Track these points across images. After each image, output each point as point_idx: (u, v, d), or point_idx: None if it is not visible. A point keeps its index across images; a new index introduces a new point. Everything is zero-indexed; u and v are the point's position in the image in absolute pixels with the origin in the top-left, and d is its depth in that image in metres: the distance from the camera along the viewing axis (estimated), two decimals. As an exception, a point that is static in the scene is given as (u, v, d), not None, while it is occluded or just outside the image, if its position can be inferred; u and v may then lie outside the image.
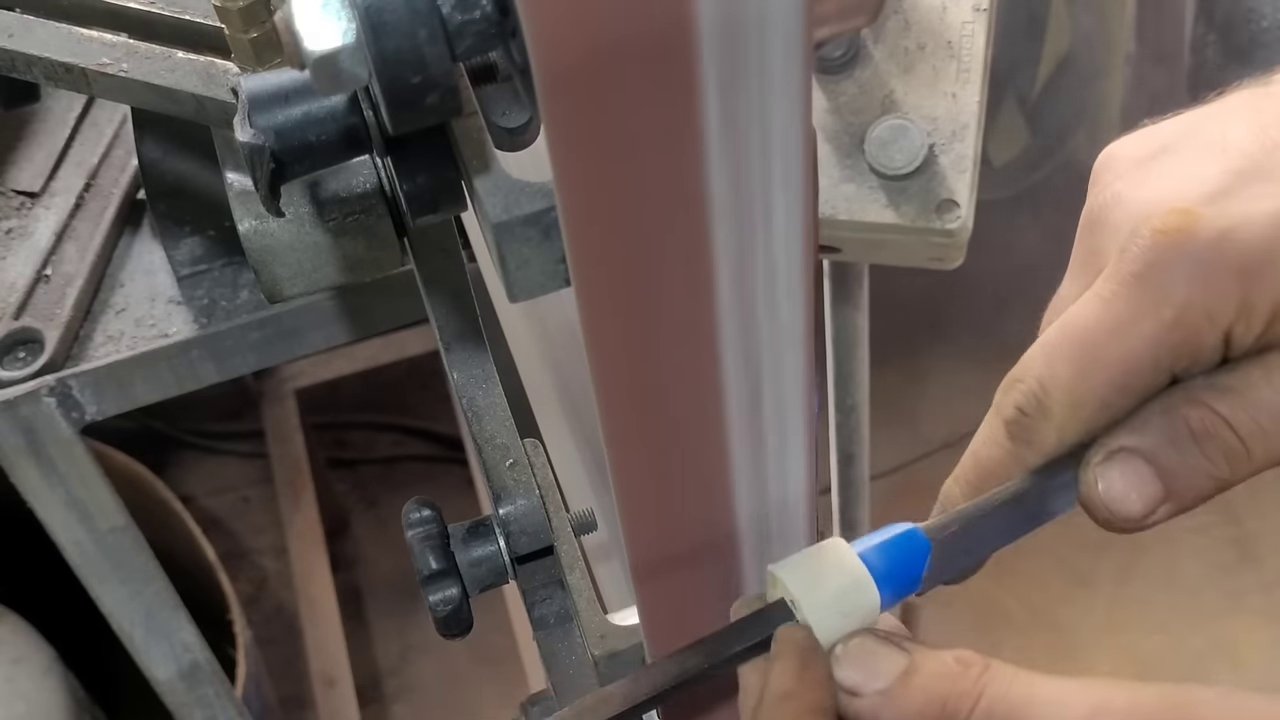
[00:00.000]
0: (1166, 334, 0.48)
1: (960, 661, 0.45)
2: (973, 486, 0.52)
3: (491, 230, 0.41)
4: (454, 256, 0.63)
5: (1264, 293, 0.47)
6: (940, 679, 0.45)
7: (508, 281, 0.42)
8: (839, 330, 1.08)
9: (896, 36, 0.88)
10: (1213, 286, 0.48)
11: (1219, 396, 0.48)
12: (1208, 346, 0.48)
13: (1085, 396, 0.49)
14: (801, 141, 0.39)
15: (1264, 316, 0.48)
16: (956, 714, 0.44)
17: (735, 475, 0.48)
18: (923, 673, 0.45)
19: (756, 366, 0.45)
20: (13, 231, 1.15)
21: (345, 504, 2.38)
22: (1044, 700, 0.43)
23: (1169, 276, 0.48)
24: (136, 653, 1.30)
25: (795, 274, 0.42)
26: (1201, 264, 0.48)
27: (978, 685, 0.44)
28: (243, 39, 0.66)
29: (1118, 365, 0.49)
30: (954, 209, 0.85)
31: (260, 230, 0.59)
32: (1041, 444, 0.50)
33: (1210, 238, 0.48)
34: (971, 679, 0.44)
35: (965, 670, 0.45)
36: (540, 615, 0.64)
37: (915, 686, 0.45)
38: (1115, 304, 0.49)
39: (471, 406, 0.63)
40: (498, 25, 0.38)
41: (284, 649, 2.15)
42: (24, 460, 1.10)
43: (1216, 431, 0.48)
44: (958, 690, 0.44)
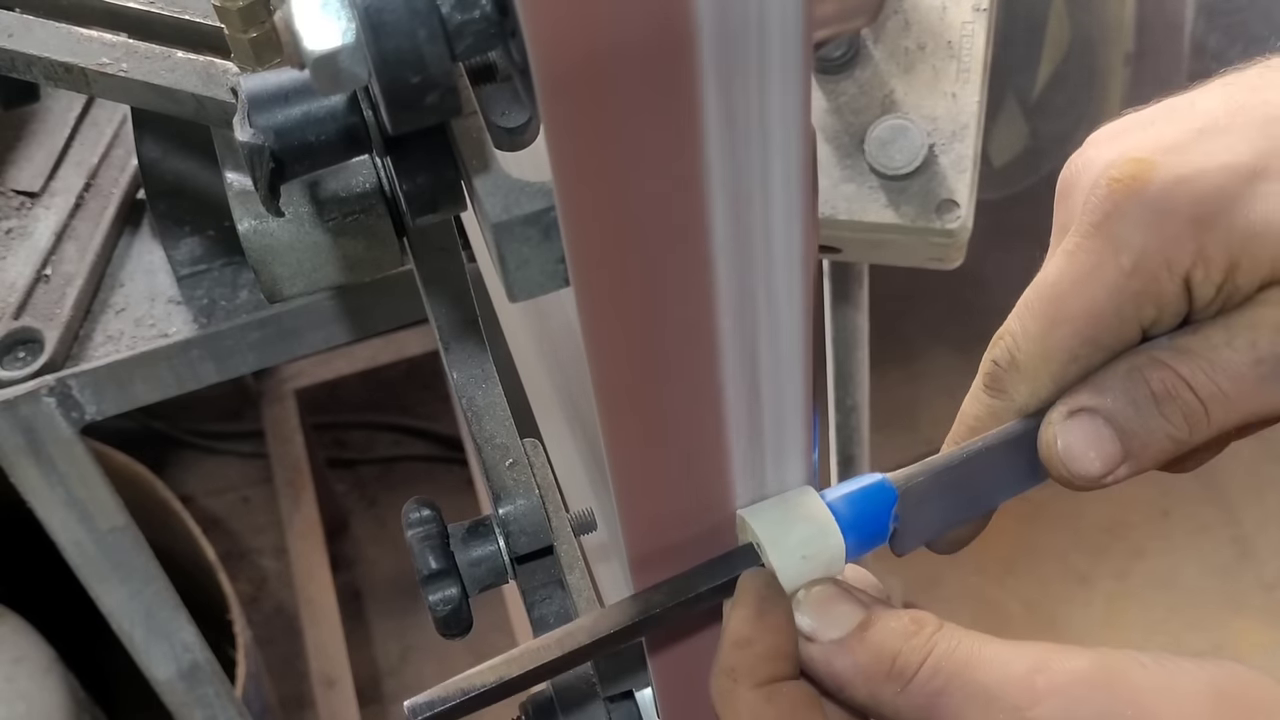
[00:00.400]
0: (1126, 281, 0.49)
1: (915, 621, 0.46)
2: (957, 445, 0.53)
3: (491, 230, 0.41)
4: (454, 256, 0.63)
5: (1219, 239, 0.48)
6: (893, 635, 0.46)
7: (507, 281, 0.42)
8: (839, 330, 1.08)
9: (896, 36, 0.88)
10: (1167, 232, 0.48)
11: (1180, 358, 0.49)
12: (1169, 294, 0.49)
13: (1053, 349, 0.50)
14: (801, 141, 0.39)
15: (1221, 265, 0.48)
16: (906, 669, 0.45)
17: (734, 475, 0.48)
18: (877, 627, 0.46)
19: (756, 366, 0.45)
20: (13, 231, 1.15)
21: (345, 504, 2.38)
22: (988, 658, 0.44)
23: (1125, 224, 0.49)
24: (136, 653, 1.30)
25: (795, 274, 0.42)
26: (1156, 210, 0.48)
27: (929, 643, 0.45)
28: (242, 39, 0.66)
29: (1082, 317, 0.50)
30: (954, 209, 0.85)
31: (260, 230, 0.59)
32: (1014, 396, 0.51)
33: (1164, 184, 0.49)
34: (924, 638, 0.46)
35: (919, 629, 0.46)
36: (540, 615, 0.64)
37: (868, 640, 0.46)
38: (1078, 256, 0.50)
39: (471, 406, 0.63)
40: (497, 25, 0.38)
41: (284, 649, 2.15)
42: (24, 460, 1.10)
43: (1177, 393, 0.49)
44: (909, 647, 0.45)
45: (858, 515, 0.50)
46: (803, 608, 0.48)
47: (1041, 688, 0.43)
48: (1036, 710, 0.43)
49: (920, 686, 0.45)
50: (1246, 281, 0.49)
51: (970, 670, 0.44)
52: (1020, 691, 0.43)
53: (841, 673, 0.46)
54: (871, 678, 0.46)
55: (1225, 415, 0.49)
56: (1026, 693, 0.43)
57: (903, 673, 0.45)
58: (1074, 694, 0.43)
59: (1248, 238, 0.48)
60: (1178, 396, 0.49)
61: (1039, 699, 0.43)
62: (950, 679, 0.44)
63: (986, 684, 0.44)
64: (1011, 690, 0.43)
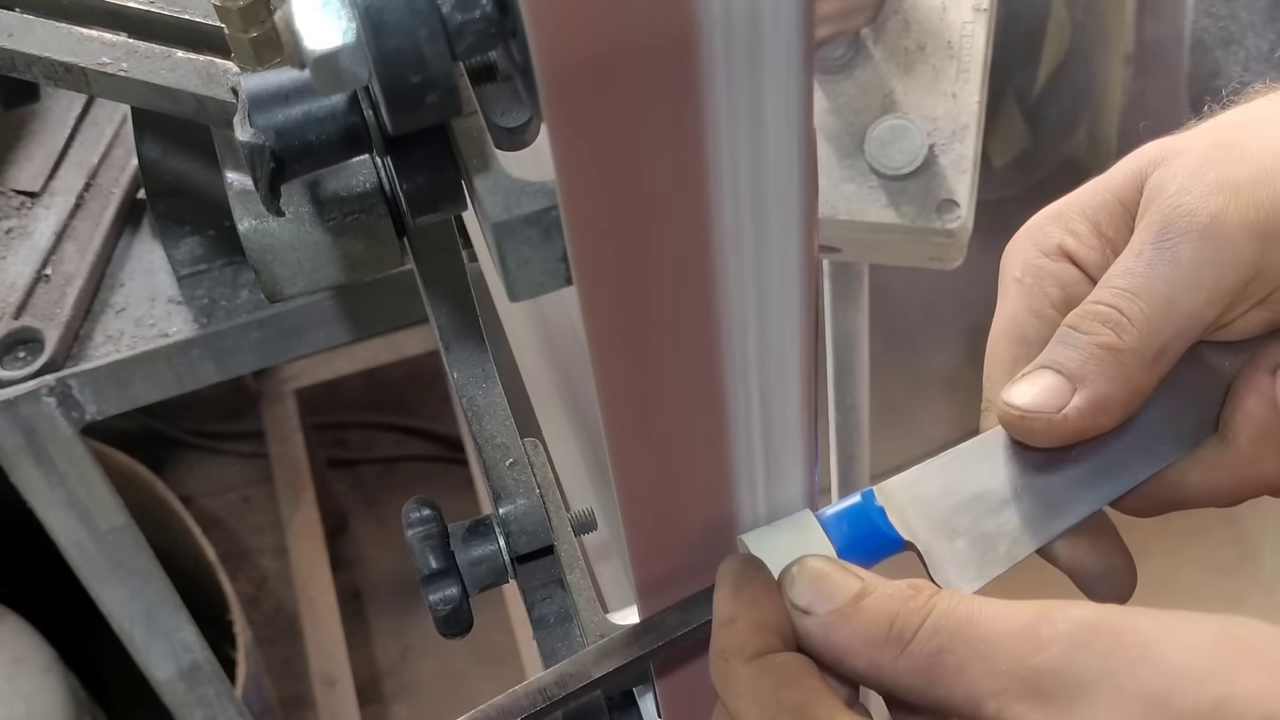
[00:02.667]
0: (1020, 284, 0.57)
1: (912, 586, 0.46)
2: None
3: (491, 230, 0.41)
4: (454, 256, 0.63)
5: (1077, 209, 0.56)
6: (890, 599, 0.46)
7: (508, 281, 0.42)
8: (839, 330, 1.08)
9: (896, 36, 0.88)
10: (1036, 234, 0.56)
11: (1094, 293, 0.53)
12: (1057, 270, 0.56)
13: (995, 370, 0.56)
14: (801, 141, 0.39)
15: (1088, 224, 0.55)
16: (905, 630, 0.45)
17: (735, 474, 0.48)
18: (874, 595, 0.46)
19: (757, 366, 0.45)
20: (13, 231, 1.15)
21: (345, 504, 2.38)
22: (989, 613, 0.44)
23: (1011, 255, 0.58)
24: (136, 653, 1.30)
25: (795, 274, 0.42)
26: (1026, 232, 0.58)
27: (927, 605, 0.45)
28: (243, 38, 0.66)
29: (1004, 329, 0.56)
30: (954, 209, 0.85)
31: (260, 230, 0.59)
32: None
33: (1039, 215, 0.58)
34: (921, 600, 0.45)
35: (916, 593, 0.46)
36: (540, 615, 0.64)
37: (864, 607, 0.46)
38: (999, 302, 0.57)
39: (471, 406, 0.63)
40: (498, 25, 0.38)
41: (284, 649, 2.15)
42: (24, 460, 1.10)
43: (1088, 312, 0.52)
44: (907, 609, 0.45)
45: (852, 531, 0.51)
46: (796, 583, 0.47)
47: (1045, 635, 0.42)
48: (1040, 657, 0.42)
49: (920, 647, 0.44)
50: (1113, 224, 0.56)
51: (971, 626, 0.44)
52: (1023, 641, 0.43)
53: (840, 643, 0.46)
54: (871, 643, 0.45)
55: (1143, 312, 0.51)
56: (1029, 641, 0.43)
57: (901, 635, 0.45)
58: (1078, 639, 0.42)
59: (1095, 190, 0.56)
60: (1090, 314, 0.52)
61: (1042, 646, 0.42)
62: (951, 636, 0.44)
63: (988, 636, 0.43)
64: (1014, 641, 0.43)
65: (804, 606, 0.47)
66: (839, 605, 0.46)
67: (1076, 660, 0.42)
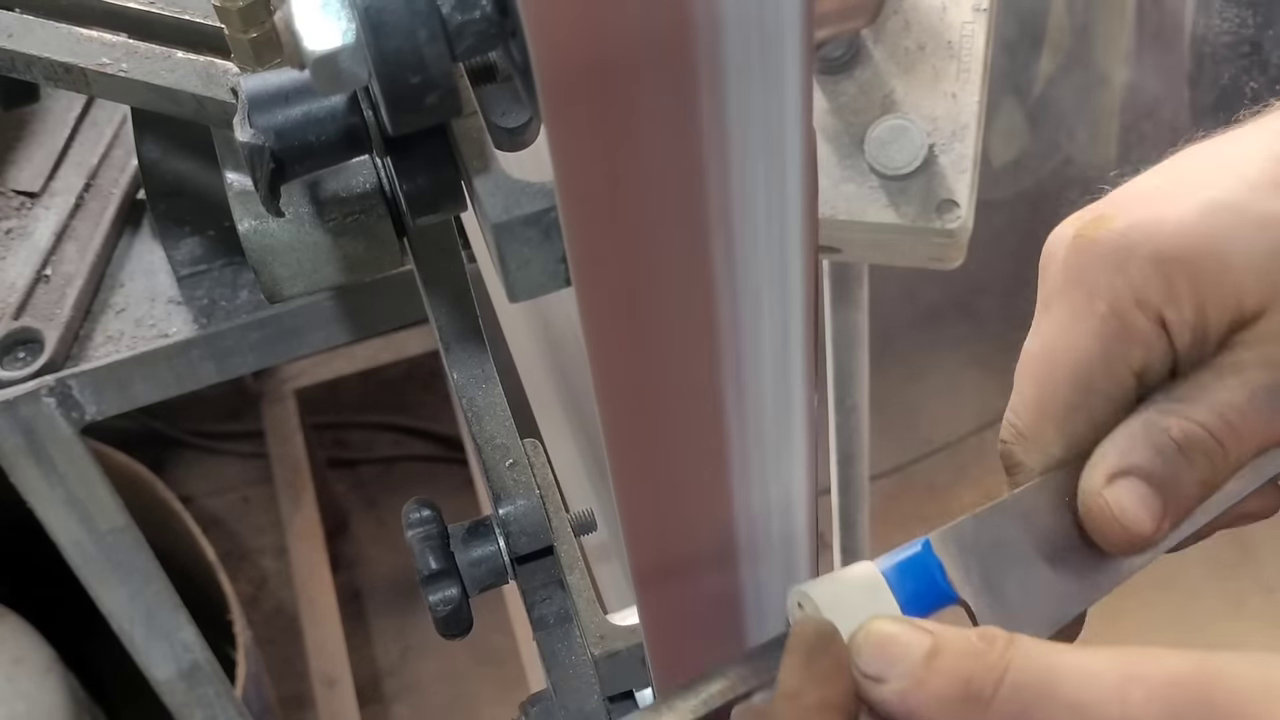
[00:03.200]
0: (1104, 325, 0.50)
1: (984, 638, 0.44)
2: None
3: (491, 230, 0.41)
4: (454, 256, 0.63)
5: (1183, 276, 0.50)
6: (964, 657, 0.44)
7: (508, 282, 0.42)
8: (839, 330, 1.08)
9: (896, 36, 0.88)
10: (1133, 272, 0.50)
11: (1185, 405, 0.50)
12: (1149, 335, 0.50)
13: (1049, 406, 0.51)
14: (801, 141, 0.39)
15: (1190, 302, 0.50)
16: (983, 690, 0.43)
17: (735, 474, 0.48)
18: (947, 653, 0.44)
19: (756, 366, 0.45)
20: (13, 231, 1.15)
21: (345, 504, 2.38)
22: (1072, 672, 0.43)
23: (1092, 271, 0.51)
24: (136, 653, 1.30)
25: (795, 274, 0.42)
26: (1119, 252, 0.50)
27: (1003, 659, 0.43)
28: (242, 39, 0.66)
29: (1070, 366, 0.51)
30: (954, 209, 0.85)
31: (260, 230, 0.58)
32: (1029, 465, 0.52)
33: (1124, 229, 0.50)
34: (996, 653, 0.44)
35: (990, 646, 0.44)
36: (540, 615, 0.64)
37: (937, 668, 0.44)
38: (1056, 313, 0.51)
39: (471, 406, 0.63)
40: (498, 25, 0.38)
41: (284, 649, 2.15)
42: (24, 460, 1.10)
43: (1194, 436, 0.50)
44: (983, 666, 0.44)
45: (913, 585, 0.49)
46: (862, 650, 0.46)
47: (1137, 699, 0.41)
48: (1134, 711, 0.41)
49: (1002, 706, 0.43)
50: (1217, 319, 0.50)
51: (1053, 685, 0.42)
52: (1114, 703, 0.41)
53: (916, 709, 0.44)
54: (948, 705, 0.44)
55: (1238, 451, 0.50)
56: (1119, 704, 0.41)
57: (980, 695, 0.43)
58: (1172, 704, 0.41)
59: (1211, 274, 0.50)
60: (1196, 438, 0.49)
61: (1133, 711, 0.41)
62: (1034, 698, 0.42)
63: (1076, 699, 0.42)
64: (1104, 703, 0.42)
65: (875, 675, 0.45)
66: (910, 669, 0.45)
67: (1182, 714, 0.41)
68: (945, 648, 0.45)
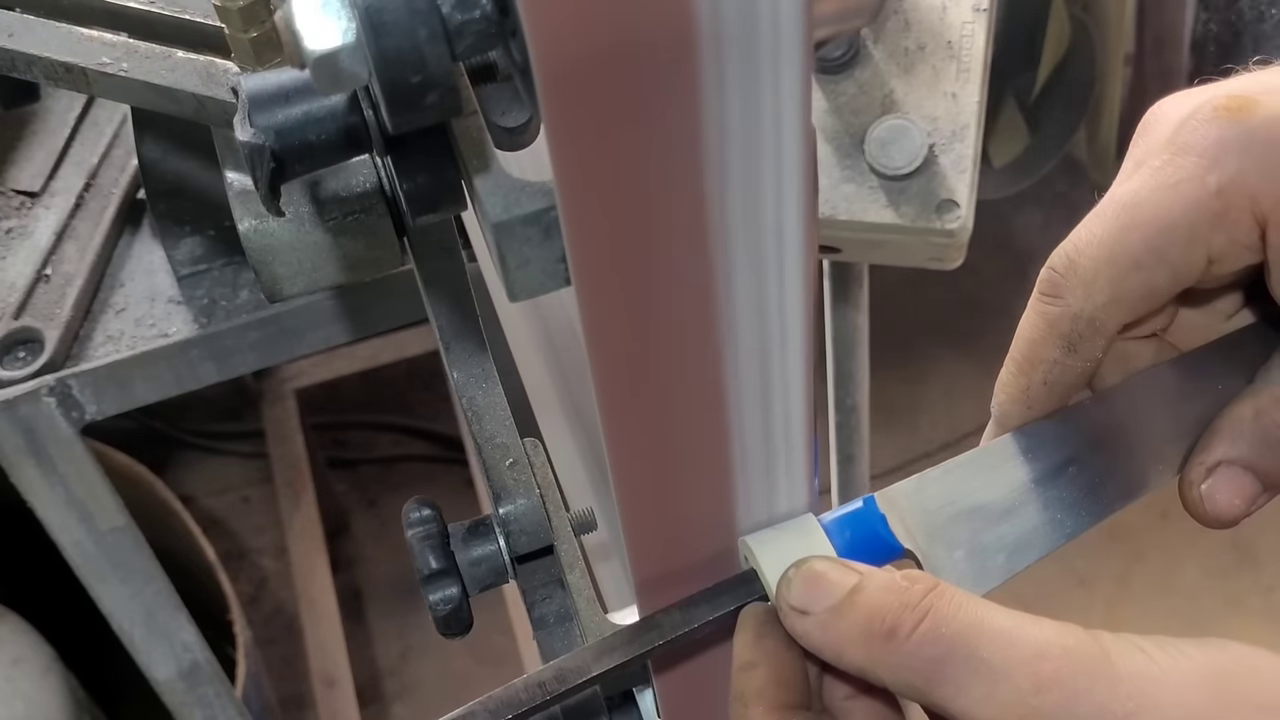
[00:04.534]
0: (1208, 200, 0.49)
1: (907, 577, 0.46)
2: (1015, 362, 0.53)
3: (491, 230, 0.41)
4: (454, 256, 0.63)
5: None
6: (885, 592, 0.45)
7: (508, 281, 0.42)
8: (839, 330, 1.08)
9: (896, 36, 0.88)
10: (1265, 163, 0.48)
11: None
12: (1244, 228, 0.49)
13: (1119, 253, 0.50)
14: (801, 141, 0.39)
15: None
16: (899, 628, 0.44)
17: (735, 473, 0.48)
18: (869, 589, 0.46)
19: (756, 366, 0.45)
20: (13, 231, 1.15)
21: (345, 504, 2.38)
22: (990, 633, 0.44)
23: (1223, 147, 0.49)
24: (136, 653, 1.30)
25: (795, 274, 0.42)
26: (1258, 140, 0.48)
27: (925, 601, 0.45)
28: (243, 38, 0.66)
29: (1154, 223, 0.49)
30: (954, 209, 0.85)
31: (260, 230, 0.58)
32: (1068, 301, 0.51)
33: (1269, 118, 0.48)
34: (917, 594, 0.45)
35: (911, 584, 0.45)
36: (540, 615, 0.64)
37: (859, 601, 0.46)
38: (1164, 170, 0.50)
39: (471, 406, 0.63)
40: (498, 25, 0.38)
41: (284, 649, 2.15)
42: (24, 460, 1.10)
43: None
44: (901, 603, 0.45)
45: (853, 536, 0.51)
46: (792, 584, 0.47)
47: (1046, 675, 0.43)
48: (1041, 699, 0.42)
49: (919, 649, 0.44)
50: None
51: (974, 643, 0.44)
52: (1026, 676, 0.43)
53: (837, 638, 0.46)
54: (868, 637, 0.45)
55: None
56: (1031, 678, 0.43)
57: (896, 630, 0.44)
58: (1076, 686, 0.43)
59: None
60: None
61: (1043, 686, 0.42)
62: (952, 648, 0.44)
63: (992, 662, 0.43)
64: (1017, 674, 0.43)
65: (800, 606, 0.47)
66: (833, 602, 0.46)
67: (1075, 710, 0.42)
68: (867, 584, 0.46)
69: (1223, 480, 0.51)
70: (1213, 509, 0.51)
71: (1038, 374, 0.52)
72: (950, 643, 0.44)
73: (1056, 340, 0.51)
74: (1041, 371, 0.52)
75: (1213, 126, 0.49)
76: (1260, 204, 0.48)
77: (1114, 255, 0.50)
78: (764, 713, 0.47)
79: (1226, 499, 0.51)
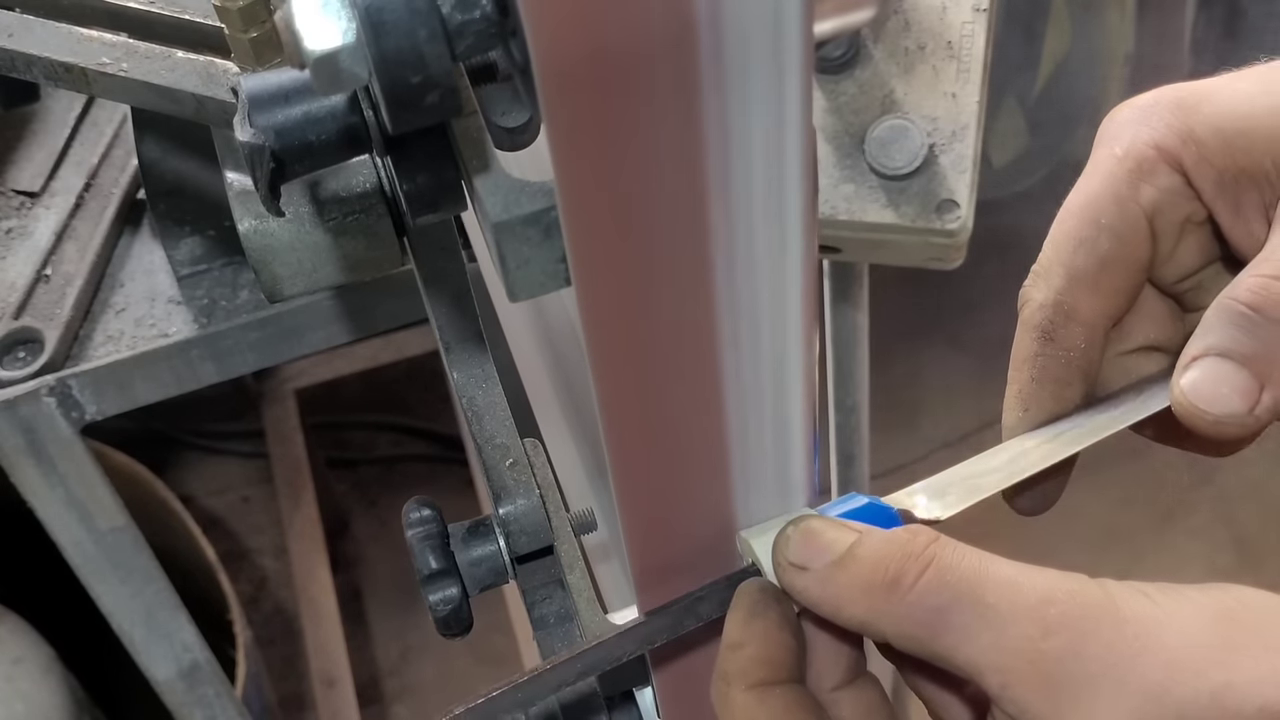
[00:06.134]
0: (1118, 164, 0.53)
1: (909, 531, 0.46)
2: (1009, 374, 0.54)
3: (491, 230, 0.41)
4: (454, 256, 0.63)
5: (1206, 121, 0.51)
6: (888, 544, 0.45)
7: (508, 281, 0.42)
8: (839, 330, 1.08)
9: (896, 36, 0.88)
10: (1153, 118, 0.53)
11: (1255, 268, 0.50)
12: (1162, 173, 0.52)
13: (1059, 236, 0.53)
14: (802, 141, 0.39)
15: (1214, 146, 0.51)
16: (903, 577, 0.44)
17: (734, 474, 0.48)
18: (870, 542, 0.46)
19: (756, 366, 0.45)
20: (13, 231, 1.15)
21: (345, 504, 2.38)
22: (995, 581, 0.44)
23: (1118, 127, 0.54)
24: (136, 653, 1.30)
25: (795, 274, 0.42)
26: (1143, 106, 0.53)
27: (927, 552, 0.44)
28: (243, 38, 0.66)
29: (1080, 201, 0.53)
30: (954, 209, 0.85)
31: (260, 230, 0.58)
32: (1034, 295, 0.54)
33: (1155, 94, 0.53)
34: (920, 544, 0.45)
35: (914, 537, 0.45)
36: (540, 615, 0.64)
37: (861, 554, 0.45)
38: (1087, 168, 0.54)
39: (471, 406, 0.63)
40: (498, 25, 0.38)
41: (284, 649, 2.15)
42: (24, 460, 1.10)
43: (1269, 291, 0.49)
44: (904, 554, 0.44)
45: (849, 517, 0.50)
46: (790, 541, 0.47)
47: (1053, 620, 0.42)
48: (1048, 643, 0.42)
49: (923, 598, 0.44)
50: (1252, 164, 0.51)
51: (980, 589, 0.43)
52: (1032, 622, 0.43)
53: (837, 592, 0.45)
54: (868, 589, 0.45)
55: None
56: (1038, 623, 0.42)
57: (899, 581, 0.44)
58: (1084, 627, 0.42)
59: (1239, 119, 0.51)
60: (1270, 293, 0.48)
61: (1050, 631, 0.42)
62: (956, 596, 0.43)
63: (996, 606, 0.43)
64: (1022, 619, 0.43)
65: (799, 562, 0.47)
66: (834, 556, 0.46)
67: (1083, 651, 0.42)
68: (869, 538, 0.46)
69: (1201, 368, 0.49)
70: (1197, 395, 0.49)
71: (1024, 373, 0.54)
72: (955, 589, 0.43)
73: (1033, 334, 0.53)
74: (1027, 369, 0.53)
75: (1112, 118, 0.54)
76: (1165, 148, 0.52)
77: (1056, 240, 0.54)
78: (744, 689, 0.47)
79: (1210, 386, 0.48)
